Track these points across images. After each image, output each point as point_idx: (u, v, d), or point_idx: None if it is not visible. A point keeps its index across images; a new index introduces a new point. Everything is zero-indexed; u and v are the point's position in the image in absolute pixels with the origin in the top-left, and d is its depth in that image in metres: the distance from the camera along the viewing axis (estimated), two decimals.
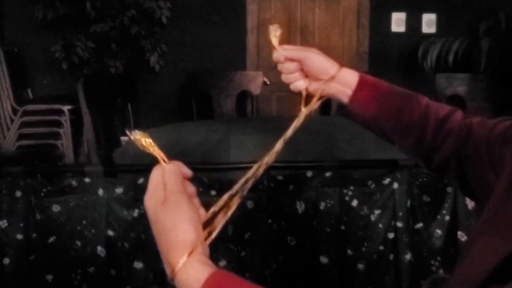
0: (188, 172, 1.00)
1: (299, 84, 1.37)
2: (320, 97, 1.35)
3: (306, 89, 1.37)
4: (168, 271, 0.93)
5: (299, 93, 1.38)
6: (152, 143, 0.99)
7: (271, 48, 1.36)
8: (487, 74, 4.97)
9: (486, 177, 1.15)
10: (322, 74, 1.34)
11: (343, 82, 1.34)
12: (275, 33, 1.34)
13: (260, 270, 2.32)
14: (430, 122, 1.29)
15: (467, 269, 0.97)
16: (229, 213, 1.04)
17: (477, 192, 1.22)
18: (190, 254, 0.91)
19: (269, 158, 1.19)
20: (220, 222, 1.02)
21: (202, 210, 1.01)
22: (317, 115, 3.91)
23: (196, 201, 1.01)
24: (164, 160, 0.99)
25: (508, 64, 5.00)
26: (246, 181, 1.12)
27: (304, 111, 1.31)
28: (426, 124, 1.29)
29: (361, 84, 1.34)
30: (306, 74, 1.37)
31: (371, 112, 1.33)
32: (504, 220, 0.95)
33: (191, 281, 0.90)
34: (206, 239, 0.97)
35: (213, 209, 1.04)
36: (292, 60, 1.36)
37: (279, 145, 1.22)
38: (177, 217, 0.93)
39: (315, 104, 1.35)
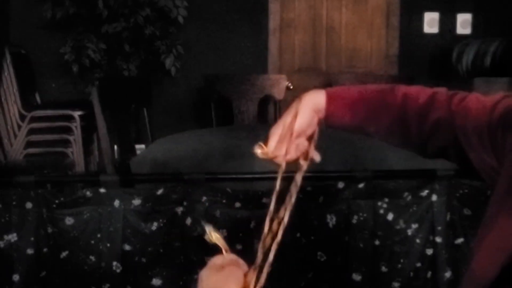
0: (245, 267, 1.09)
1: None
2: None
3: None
4: None
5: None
6: (219, 238, 1.12)
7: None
8: None
9: (489, 161, 1.18)
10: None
11: None
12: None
13: (288, 287, 2.30)
14: (410, 115, 1.31)
15: (475, 269, 1.01)
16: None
17: (483, 175, 1.23)
18: None
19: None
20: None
21: None
22: None
23: None
24: (226, 251, 1.11)
25: None
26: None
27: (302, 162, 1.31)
28: (406, 119, 1.32)
29: (329, 101, 1.36)
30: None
31: (349, 123, 1.37)
32: (507, 217, 1.00)
33: None
34: None
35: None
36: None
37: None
38: (229, 280, 1.03)
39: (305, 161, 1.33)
